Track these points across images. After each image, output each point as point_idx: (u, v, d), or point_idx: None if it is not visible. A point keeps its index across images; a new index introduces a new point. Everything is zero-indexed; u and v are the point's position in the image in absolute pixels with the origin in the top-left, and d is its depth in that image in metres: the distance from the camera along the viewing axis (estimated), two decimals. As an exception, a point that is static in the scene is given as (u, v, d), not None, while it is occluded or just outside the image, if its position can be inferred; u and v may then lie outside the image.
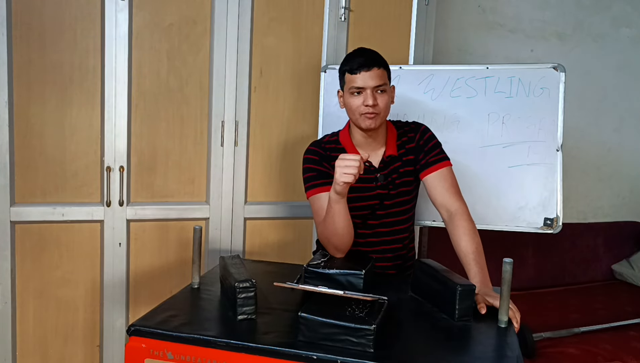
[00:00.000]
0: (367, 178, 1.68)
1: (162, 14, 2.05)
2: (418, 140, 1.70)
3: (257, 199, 2.26)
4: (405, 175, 1.70)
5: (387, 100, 1.62)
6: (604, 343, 2.40)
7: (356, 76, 1.58)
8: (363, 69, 1.57)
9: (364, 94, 1.58)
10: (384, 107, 1.60)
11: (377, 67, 1.58)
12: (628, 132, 3.45)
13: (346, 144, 1.71)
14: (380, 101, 1.58)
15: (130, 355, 1.24)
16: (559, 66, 2.03)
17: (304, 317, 1.18)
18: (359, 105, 1.59)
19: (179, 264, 2.18)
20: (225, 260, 1.48)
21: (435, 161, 1.67)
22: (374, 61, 1.58)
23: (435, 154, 1.68)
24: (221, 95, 2.15)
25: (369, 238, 1.74)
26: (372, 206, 1.71)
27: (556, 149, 2.03)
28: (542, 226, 2.04)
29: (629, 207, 3.53)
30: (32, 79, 1.94)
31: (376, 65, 1.58)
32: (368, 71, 1.57)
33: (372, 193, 1.69)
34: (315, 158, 1.70)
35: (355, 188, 1.64)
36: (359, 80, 1.57)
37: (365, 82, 1.57)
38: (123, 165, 2.06)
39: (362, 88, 1.58)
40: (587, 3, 3.27)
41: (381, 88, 1.58)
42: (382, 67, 1.59)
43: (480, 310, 1.37)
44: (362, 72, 1.57)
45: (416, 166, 1.69)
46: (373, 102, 1.57)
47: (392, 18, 2.34)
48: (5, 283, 1.98)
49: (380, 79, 1.58)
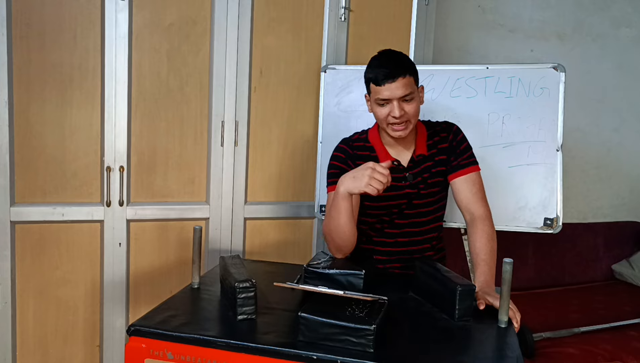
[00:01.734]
0: (395, 176, 1.64)
1: (162, 14, 2.05)
2: (451, 140, 1.67)
3: (257, 199, 2.26)
4: (437, 175, 1.68)
5: (415, 107, 1.57)
6: (604, 343, 2.40)
7: (381, 88, 1.53)
8: (388, 81, 1.52)
9: (391, 105, 1.55)
10: (413, 115, 1.56)
11: (403, 75, 1.52)
12: (628, 133, 3.45)
13: (375, 143, 1.69)
14: (408, 109, 1.55)
15: (130, 355, 1.24)
16: (559, 66, 2.03)
17: (304, 317, 1.18)
18: (385, 115, 1.57)
19: (179, 264, 2.18)
20: (225, 260, 1.48)
21: (465, 164, 1.65)
22: (399, 70, 1.52)
23: (467, 158, 1.66)
24: (221, 95, 2.15)
25: (397, 237, 1.72)
26: (399, 206, 1.68)
27: (556, 149, 2.03)
28: (542, 226, 2.04)
29: (629, 207, 3.53)
30: (32, 79, 1.94)
31: (401, 74, 1.52)
32: (393, 82, 1.51)
33: (400, 191, 1.67)
34: (342, 156, 1.70)
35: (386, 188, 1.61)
36: (385, 92, 1.53)
37: (391, 93, 1.53)
38: (123, 165, 2.06)
39: (388, 100, 1.54)
40: (587, 3, 3.27)
41: (408, 97, 1.54)
42: (407, 74, 1.53)
43: (479, 306, 1.38)
44: (386, 84, 1.52)
45: (447, 167, 1.67)
46: (400, 113, 1.54)
47: (392, 18, 2.34)
48: (5, 283, 1.98)
49: (406, 88, 1.53)
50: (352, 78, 2.21)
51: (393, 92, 1.53)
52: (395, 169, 1.65)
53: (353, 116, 2.22)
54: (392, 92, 1.53)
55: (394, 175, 1.63)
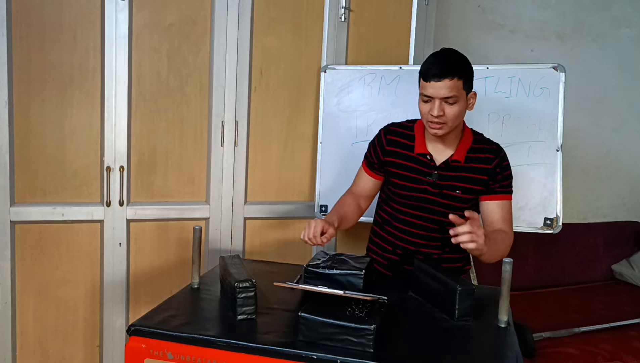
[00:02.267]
0: (423, 170, 1.67)
1: (162, 14, 2.05)
2: (496, 165, 1.66)
3: (257, 199, 2.26)
4: (468, 192, 1.66)
5: (457, 110, 1.56)
6: (604, 343, 2.39)
7: (427, 84, 1.54)
8: (434, 79, 1.52)
9: (432, 102, 1.55)
10: (452, 118, 1.56)
11: (450, 77, 1.51)
12: (628, 133, 3.45)
13: (418, 134, 1.70)
14: (448, 111, 1.55)
15: (130, 355, 1.24)
16: (559, 66, 2.03)
17: (304, 317, 1.18)
18: (426, 112, 1.58)
19: (179, 264, 2.18)
20: (225, 260, 1.48)
21: (501, 191, 1.66)
22: (448, 71, 1.52)
23: (505, 186, 1.67)
24: (221, 95, 2.15)
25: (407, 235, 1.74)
26: (418, 198, 1.69)
27: (556, 149, 2.03)
28: (542, 226, 2.04)
29: (629, 207, 3.53)
30: (32, 79, 1.94)
31: (449, 75, 1.51)
32: (439, 81, 1.52)
33: (421, 185, 1.68)
34: (376, 143, 1.77)
35: (409, 177, 1.69)
36: (429, 89, 1.54)
37: (435, 92, 1.53)
38: (123, 165, 2.06)
39: (431, 97, 1.55)
40: (587, 3, 3.26)
41: (451, 100, 1.54)
42: (456, 77, 1.52)
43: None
44: (432, 82, 1.53)
45: (484, 187, 1.67)
46: (438, 113, 1.54)
47: (392, 18, 2.34)
48: (5, 283, 1.98)
49: (450, 91, 1.52)
50: (352, 78, 2.22)
51: (437, 91, 1.53)
52: (426, 164, 1.68)
53: (353, 116, 2.22)
54: (436, 91, 1.53)
55: (422, 168, 1.68)
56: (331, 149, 2.24)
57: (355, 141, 2.21)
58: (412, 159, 1.69)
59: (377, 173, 1.79)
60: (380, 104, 2.20)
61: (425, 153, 1.67)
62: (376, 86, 2.20)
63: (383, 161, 1.75)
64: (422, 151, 1.68)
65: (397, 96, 2.18)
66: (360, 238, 2.21)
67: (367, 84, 2.21)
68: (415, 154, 1.69)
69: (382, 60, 2.30)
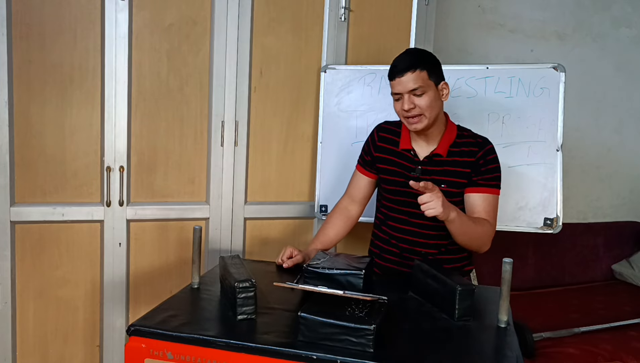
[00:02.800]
0: (408, 166, 1.72)
1: (162, 14, 2.05)
2: (479, 158, 1.67)
3: (257, 199, 2.26)
4: (453, 185, 1.68)
5: (428, 101, 1.59)
6: (604, 343, 2.40)
7: (393, 82, 1.61)
8: (397, 75, 1.59)
9: (402, 99, 1.61)
10: (425, 108, 1.60)
11: (413, 70, 1.57)
12: (628, 133, 3.45)
13: (404, 132, 1.75)
14: (418, 102, 1.59)
15: (130, 355, 1.24)
16: (559, 66, 2.03)
17: (304, 317, 1.18)
18: (399, 110, 1.64)
19: (179, 264, 2.18)
20: (225, 260, 1.48)
21: (484, 184, 1.67)
22: (409, 65, 1.57)
23: (490, 179, 1.67)
24: (221, 95, 2.15)
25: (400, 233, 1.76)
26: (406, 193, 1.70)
27: (556, 149, 2.03)
28: (542, 226, 2.04)
29: (629, 207, 3.53)
30: (32, 79, 1.94)
31: (410, 69, 1.57)
32: (401, 76, 1.58)
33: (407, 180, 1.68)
34: (369, 141, 1.83)
35: (395, 172, 1.73)
36: (395, 86, 1.61)
37: (401, 87, 1.59)
38: (123, 165, 2.06)
39: (399, 94, 1.61)
40: (587, 3, 3.27)
41: (418, 91, 1.58)
42: (418, 68, 1.57)
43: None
44: (396, 78, 1.60)
45: (467, 180, 1.68)
46: (409, 106, 1.59)
47: (392, 18, 2.34)
48: (5, 283, 1.98)
49: (415, 83, 1.57)
50: (352, 78, 2.22)
51: (403, 85, 1.59)
52: (409, 159, 1.72)
53: (353, 116, 2.22)
54: (402, 86, 1.59)
55: (407, 164, 1.72)
56: (331, 149, 2.24)
57: (355, 141, 2.21)
58: (398, 155, 1.74)
59: (370, 170, 1.82)
60: (380, 104, 2.19)
61: (409, 149, 1.72)
62: (376, 86, 2.20)
63: (375, 157, 1.79)
64: (406, 146, 1.73)
65: (397, 96, 2.18)
66: (360, 238, 2.21)
67: (367, 84, 2.21)
68: (400, 149, 1.74)
69: (382, 60, 2.30)
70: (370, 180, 1.84)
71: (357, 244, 2.31)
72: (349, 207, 1.86)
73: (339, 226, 1.85)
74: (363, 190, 1.85)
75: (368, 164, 1.82)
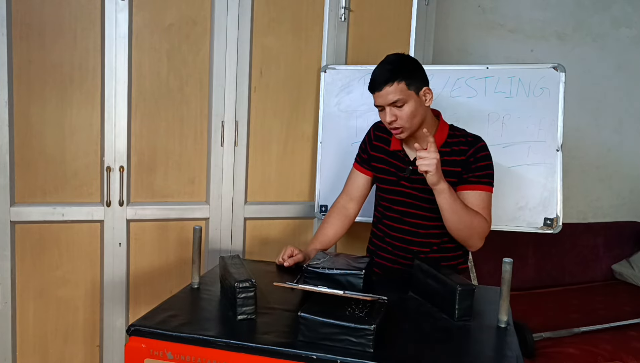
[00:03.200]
0: (399, 166, 1.73)
1: (162, 14, 2.05)
2: (469, 156, 1.66)
3: (257, 199, 2.26)
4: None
5: (409, 111, 1.59)
6: (604, 343, 2.40)
7: (374, 96, 1.63)
8: (376, 90, 1.60)
9: (383, 111, 1.62)
10: (406, 120, 1.60)
11: (390, 83, 1.56)
12: (628, 133, 3.45)
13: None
14: (400, 114, 1.60)
15: (130, 355, 1.24)
16: (559, 66, 2.03)
17: (304, 317, 1.18)
18: (384, 120, 1.65)
19: (179, 264, 2.18)
20: (225, 260, 1.48)
21: (475, 181, 1.65)
22: (386, 79, 1.57)
23: (480, 176, 1.66)
24: (221, 95, 2.15)
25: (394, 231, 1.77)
26: (398, 192, 1.73)
27: (556, 149, 2.03)
28: (542, 226, 2.04)
29: (629, 207, 3.53)
30: (32, 79, 1.94)
31: (388, 82, 1.56)
32: (380, 91, 1.59)
33: (399, 179, 1.73)
34: (365, 140, 1.85)
35: (388, 171, 1.74)
36: (377, 99, 1.62)
37: (382, 100, 1.60)
38: (123, 165, 2.06)
39: (381, 106, 1.62)
40: (587, 3, 3.27)
41: (399, 103, 1.58)
42: (395, 81, 1.56)
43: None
44: (375, 93, 1.61)
45: (458, 179, 1.67)
46: (390, 119, 1.60)
47: (392, 18, 2.33)
48: (5, 283, 1.98)
49: (394, 95, 1.57)
50: (352, 78, 2.21)
51: (383, 99, 1.60)
52: (400, 159, 1.74)
53: (353, 116, 2.22)
54: (382, 99, 1.60)
55: (398, 163, 1.74)
56: (331, 149, 2.24)
57: (355, 141, 2.21)
58: (390, 155, 1.76)
59: (367, 168, 1.84)
60: (380, 104, 2.19)
61: (399, 149, 1.74)
62: (376, 86, 2.20)
63: (370, 156, 1.81)
64: (396, 148, 1.75)
65: (397, 96, 2.18)
66: (361, 238, 2.21)
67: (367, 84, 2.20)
68: (392, 150, 1.76)
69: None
70: (367, 178, 1.85)
71: (355, 243, 2.31)
72: (347, 206, 1.87)
73: (337, 225, 1.85)
74: (361, 188, 1.86)
75: (365, 162, 1.84)
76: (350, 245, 2.34)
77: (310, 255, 1.73)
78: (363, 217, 1.95)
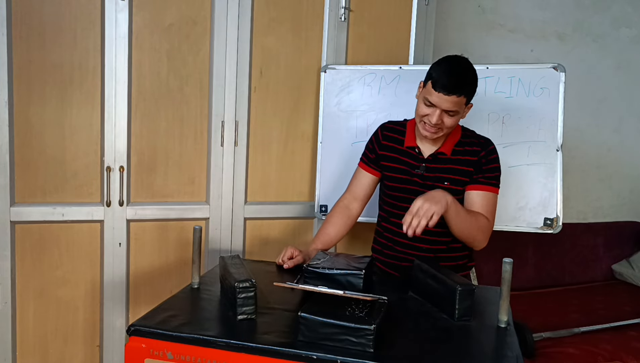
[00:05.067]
0: (412, 163, 1.74)
1: (162, 14, 2.05)
2: (482, 157, 1.70)
3: (257, 199, 2.26)
4: (456, 183, 1.71)
5: (454, 121, 1.62)
6: (604, 343, 2.40)
7: (434, 92, 1.58)
8: (443, 91, 1.56)
9: (433, 110, 1.60)
10: (449, 126, 1.63)
11: (458, 95, 1.57)
12: (628, 133, 3.45)
13: (410, 128, 1.78)
14: (446, 121, 1.61)
15: (130, 355, 1.24)
16: (559, 66, 2.03)
17: (304, 317, 1.18)
18: (424, 114, 1.63)
19: (179, 264, 2.18)
20: (225, 260, 1.48)
21: (485, 182, 1.69)
22: (458, 89, 1.56)
23: (490, 178, 1.70)
24: (221, 95, 2.15)
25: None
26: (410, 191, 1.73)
27: (556, 149, 2.03)
28: (542, 226, 2.04)
29: (629, 207, 3.53)
30: (32, 79, 1.94)
31: (457, 93, 1.56)
32: (446, 95, 1.56)
33: (411, 178, 1.73)
34: (373, 139, 1.84)
35: (399, 169, 1.75)
36: (435, 98, 1.58)
37: (439, 103, 1.58)
38: (123, 165, 2.06)
39: (434, 106, 1.60)
40: (587, 3, 3.27)
41: (451, 113, 1.60)
42: (463, 94, 1.58)
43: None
44: (440, 93, 1.57)
45: (469, 178, 1.71)
46: (436, 121, 1.60)
47: (392, 18, 2.34)
48: (5, 283, 1.98)
49: (453, 106, 1.58)
50: (352, 78, 2.22)
51: (441, 103, 1.58)
52: (414, 157, 1.74)
53: (353, 116, 2.22)
54: (440, 103, 1.58)
55: (411, 161, 1.74)
56: (331, 149, 2.24)
57: (355, 141, 2.21)
58: (402, 153, 1.76)
59: (374, 168, 1.84)
60: (380, 104, 2.20)
61: (414, 146, 1.74)
62: (376, 86, 2.20)
63: (379, 155, 1.81)
64: (411, 144, 1.75)
65: (397, 96, 2.18)
66: (362, 239, 2.21)
67: (367, 84, 2.21)
68: (405, 147, 1.76)
69: (382, 60, 2.30)
70: (373, 178, 1.85)
71: (357, 244, 2.31)
72: (350, 205, 1.87)
73: (339, 224, 1.85)
74: (365, 188, 1.86)
75: (372, 162, 1.84)
76: (352, 246, 2.34)
77: (311, 255, 1.73)
78: (364, 217, 1.95)
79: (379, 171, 1.83)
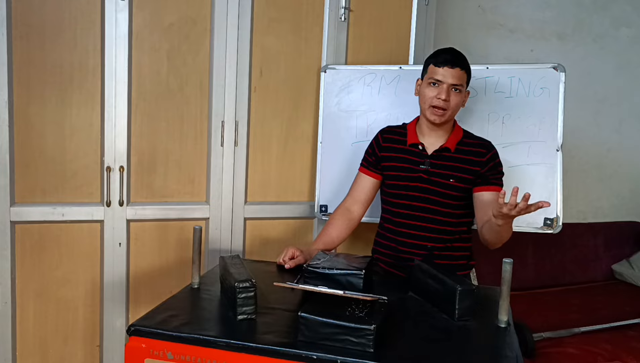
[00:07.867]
0: (416, 160, 1.76)
1: (162, 14, 2.05)
2: (489, 159, 1.75)
3: (257, 199, 2.26)
4: (461, 181, 1.73)
5: (459, 100, 1.71)
6: (604, 343, 2.39)
7: (439, 69, 1.68)
8: (447, 65, 1.67)
9: (440, 87, 1.67)
10: (454, 106, 1.70)
11: (461, 68, 1.68)
12: (628, 133, 3.45)
13: (410, 129, 1.83)
14: (452, 98, 1.68)
15: (130, 355, 1.24)
16: (559, 66, 2.03)
17: (304, 317, 1.18)
18: (432, 96, 1.69)
19: (179, 264, 2.18)
20: (225, 260, 1.48)
21: (494, 182, 1.75)
22: (460, 61, 1.69)
23: (499, 179, 1.76)
24: (221, 95, 2.15)
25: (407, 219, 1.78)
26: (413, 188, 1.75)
27: (556, 149, 2.03)
28: (542, 226, 2.04)
29: (629, 207, 3.53)
30: (32, 79, 1.94)
31: (460, 65, 1.68)
32: (451, 68, 1.67)
33: (415, 174, 1.76)
34: (373, 143, 1.89)
35: (402, 168, 1.77)
36: (440, 73, 1.68)
37: (445, 77, 1.67)
38: (123, 165, 2.06)
39: (440, 82, 1.68)
40: (587, 3, 3.26)
41: (458, 87, 1.69)
42: (464, 69, 1.70)
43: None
44: (445, 68, 1.67)
45: (476, 179, 1.74)
46: (445, 97, 1.66)
47: (392, 18, 2.34)
48: (5, 283, 1.98)
49: (459, 79, 1.68)
50: (352, 78, 2.21)
51: (447, 77, 1.68)
52: (417, 153, 1.77)
53: (353, 116, 2.22)
54: (446, 77, 1.68)
55: (415, 158, 1.76)
56: (331, 149, 2.24)
57: (355, 141, 2.21)
58: (405, 151, 1.79)
59: (374, 171, 1.85)
60: (380, 104, 2.20)
61: (418, 143, 1.77)
62: (376, 86, 2.20)
63: (379, 157, 1.83)
64: (414, 141, 1.78)
65: (397, 96, 2.18)
66: (363, 239, 2.21)
67: (367, 84, 2.21)
68: (408, 145, 1.79)
69: (382, 60, 2.31)
70: (373, 181, 1.86)
71: (359, 245, 2.31)
72: (351, 208, 1.88)
73: (341, 227, 1.86)
74: (366, 191, 1.87)
75: (372, 165, 1.86)
76: (353, 246, 2.34)
77: (312, 255, 1.73)
78: (366, 218, 1.95)
79: (380, 174, 1.85)
